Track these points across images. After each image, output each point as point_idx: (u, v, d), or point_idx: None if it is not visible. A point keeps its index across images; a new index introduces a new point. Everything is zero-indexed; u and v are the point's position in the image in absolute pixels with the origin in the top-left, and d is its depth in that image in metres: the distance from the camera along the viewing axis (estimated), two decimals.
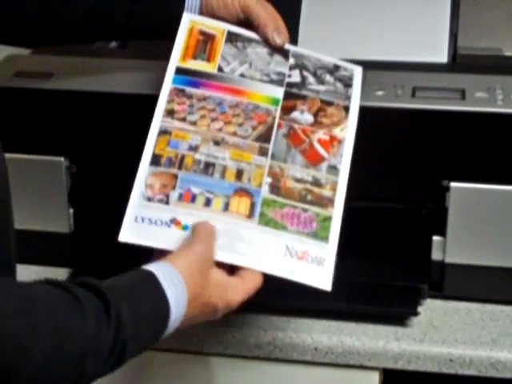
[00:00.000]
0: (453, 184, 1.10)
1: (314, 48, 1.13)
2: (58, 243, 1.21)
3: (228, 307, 0.93)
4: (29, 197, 1.18)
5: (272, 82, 1.08)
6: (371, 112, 1.09)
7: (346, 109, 1.07)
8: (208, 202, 0.99)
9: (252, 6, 1.10)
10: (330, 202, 1.01)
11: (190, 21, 1.11)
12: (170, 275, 0.86)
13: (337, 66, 1.11)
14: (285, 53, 1.11)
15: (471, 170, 1.10)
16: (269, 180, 1.01)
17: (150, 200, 0.99)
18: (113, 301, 0.77)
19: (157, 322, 0.84)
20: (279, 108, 1.06)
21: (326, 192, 1.01)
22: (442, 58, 1.24)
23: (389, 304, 1.12)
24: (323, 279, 0.98)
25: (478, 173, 1.10)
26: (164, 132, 1.03)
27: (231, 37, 1.11)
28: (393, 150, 1.12)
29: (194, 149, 1.02)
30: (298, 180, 1.02)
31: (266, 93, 1.07)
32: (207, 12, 1.12)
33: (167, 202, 0.99)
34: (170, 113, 1.04)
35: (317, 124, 1.05)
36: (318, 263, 0.98)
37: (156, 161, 1.01)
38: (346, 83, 1.09)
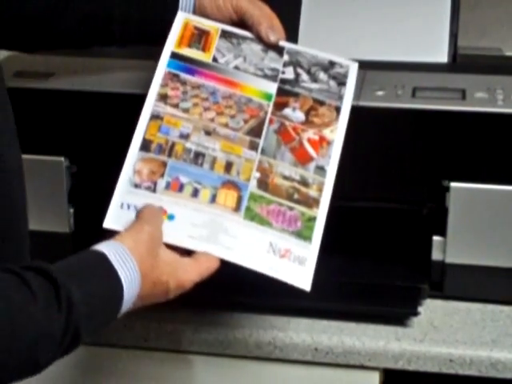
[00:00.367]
0: (453, 184, 1.10)
1: (314, 48, 1.13)
2: (58, 243, 1.21)
3: (180, 287, 0.92)
4: (29, 197, 1.17)
5: (266, 76, 1.08)
6: (371, 112, 1.09)
7: (338, 110, 1.07)
8: (195, 193, 0.99)
9: (245, 7, 1.11)
10: (316, 202, 1.01)
11: (184, 18, 1.12)
12: (120, 253, 0.86)
13: (332, 63, 1.11)
14: (279, 50, 1.11)
15: (471, 170, 1.10)
16: (257, 175, 1.01)
17: (137, 187, 0.99)
18: (62, 282, 0.77)
19: (110, 299, 0.83)
20: (271, 104, 1.06)
21: (313, 192, 1.01)
22: (443, 57, 1.24)
23: (389, 304, 1.12)
24: (303, 279, 0.98)
25: (478, 173, 1.10)
26: (156, 117, 1.03)
27: (225, 34, 1.12)
28: (393, 150, 1.12)
29: (184, 137, 1.02)
30: (286, 178, 1.02)
31: (259, 87, 1.07)
32: (200, 14, 1.12)
33: (154, 190, 0.99)
34: (163, 97, 1.05)
35: (308, 123, 1.05)
36: (299, 262, 0.98)
37: (146, 146, 1.02)
38: (340, 81, 1.09)
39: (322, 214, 1.01)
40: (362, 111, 1.08)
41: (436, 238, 1.14)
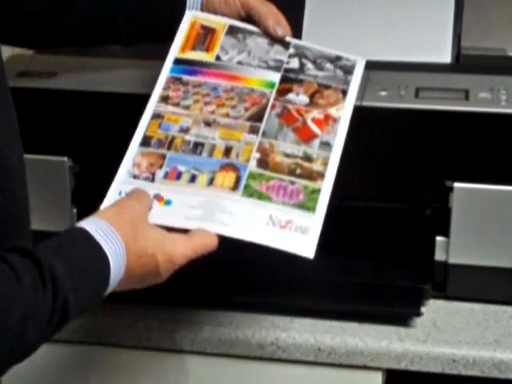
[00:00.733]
0: (456, 184, 1.10)
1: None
2: None
3: (170, 262, 0.90)
4: (32, 197, 1.17)
5: (269, 67, 1.08)
6: (375, 112, 1.09)
7: (344, 92, 1.05)
8: (193, 179, 0.99)
9: (252, 2, 1.12)
10: (320, 175, 0.99)
11: (192, 16, 1.12)
12: (100, 227, 0.84)
13: (339, 57, 1.11)
14: (285, 44, 1.11)
15: (475, 170, 1.10)
16: (257, 155, 1.01)
17: (135, 177, 1.00)
18: (45, 260, 0.76)
19: (97, 273, 0.82)
20: (274, 91, 1.06)
21: (317, 166, 0.99)
22: (446, 58, 1.24)
23: (392, 304, 1.12)
24: (306, 247, 0.95)
25: (482, 173, 1.10)
26: (157, 116, 1.04)
27: (232, 29, 1.12)
28: (396, 151, 1.12)
29: (184, 130, 1.03)
30: (288, 155, 1.00)
31: (261, 78, 1.07)
32: (208, 10, 1.13)
33: (153, 180, 0.99)
34: (165, 99, 1.05)
35: (312, 104, 1.04)
36: (302, 232, 0.96)
37: (146, 142, 1.02)
38: (347, 70, 1.08)
39: (327, 186, 0.98)
40: (365, 111, 1.08)
41: (439, 239, 1.14)
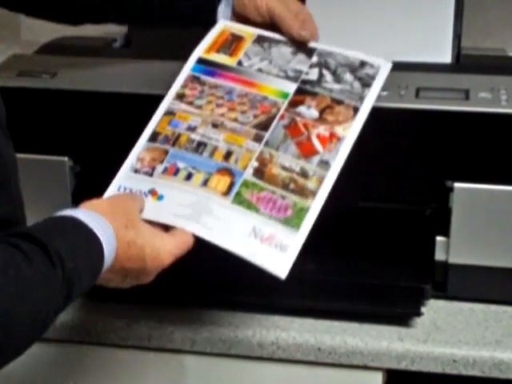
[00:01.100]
0: (456, 184, 1.10)
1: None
2: None
3: (157, 258, 0.91)
4: (32, 197, 1.17)
5: (287, 77, 1.08)
6: (375, 112, 1.09)
7: (356, 109, 1.05)
8: (189, 177, 1.00)
9: (273, 7, 1.12)
10: (312, 194, 0.98)
11: (224, 24, 1.14)
12: (90, 214, 0.85)
13: (363, 63, 1.10)
14: (309, 51, 1.11)
15: (475, 170, 1.10)
16: (255, 164, 1.01)
17: (136, 172, 1.02)
18: (47, 240, 0.77)
19: (92, 251, 0.83)
20: (287, 101, 1.06)
21: (311, 184, 0.99)
22: (446, 58, 1.24)
23: (392, 304, 1.12)
24: (281, 266, 0.94)
25: (482, 173, 1.10)
26: (169, 113, 1.06)
27: (260, 38, 1.13)
28: (396, 151, 1.12)
29: (191, 129, 1.04)
30: (285, 168, 1.00)
31: (277, 87, 1.07)
32: (239, 12, 1.15)
33: (151, 175, 1.01)
34: (180, 97, 1.07)
35: (321, 120, 1.04)
36: (281, 249, 0.95)
37: (154, 137, 1.04)
38: (365, 82, 1.07)
39: (316, 206, 0.97)
40: None
41: (439, 239, 1.14)
